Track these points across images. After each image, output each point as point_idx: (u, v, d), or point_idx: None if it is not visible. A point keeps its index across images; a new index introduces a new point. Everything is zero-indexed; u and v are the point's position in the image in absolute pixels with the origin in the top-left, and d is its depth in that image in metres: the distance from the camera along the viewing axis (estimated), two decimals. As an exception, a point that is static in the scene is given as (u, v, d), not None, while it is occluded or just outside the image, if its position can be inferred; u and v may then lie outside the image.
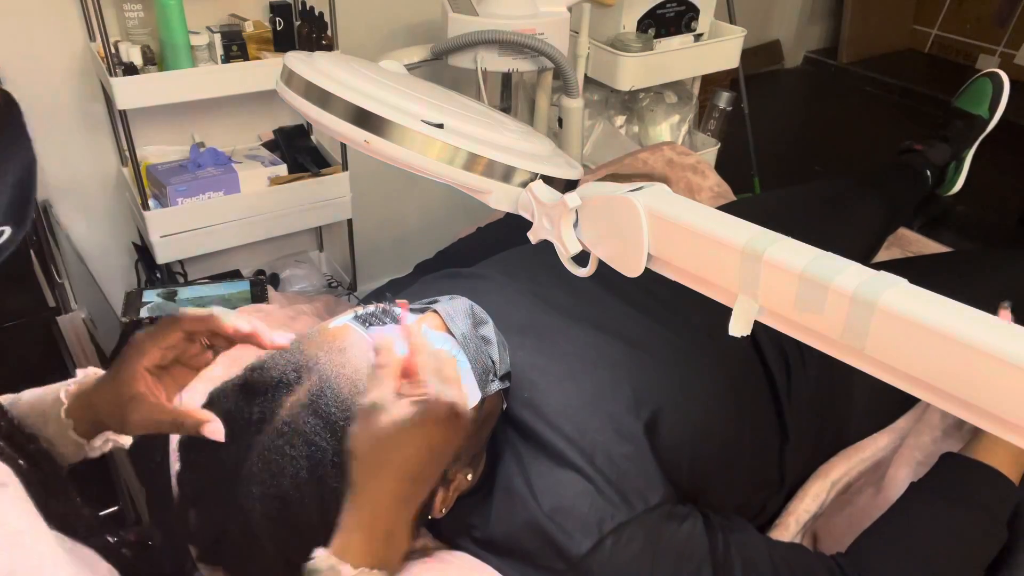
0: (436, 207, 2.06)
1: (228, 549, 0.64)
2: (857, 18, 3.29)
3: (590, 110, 1.85)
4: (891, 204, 1.38)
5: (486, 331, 0.77)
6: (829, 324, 0.51)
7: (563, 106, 1.54)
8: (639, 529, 0.73)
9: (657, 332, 0.92)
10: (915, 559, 0.79)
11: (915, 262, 1.33)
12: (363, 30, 1.67)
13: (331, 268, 1.89)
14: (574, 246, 0.67)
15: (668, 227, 0.59)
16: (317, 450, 0.62)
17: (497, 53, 1.37)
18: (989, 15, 3.16)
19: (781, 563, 0.77)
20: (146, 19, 1.37)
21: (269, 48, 1.47)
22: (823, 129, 3.03)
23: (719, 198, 1.53)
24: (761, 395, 0.95)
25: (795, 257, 0.52)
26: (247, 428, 0.63)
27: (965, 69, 3.27)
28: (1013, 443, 0.46)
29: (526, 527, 0.73)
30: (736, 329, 0.57)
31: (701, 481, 0.83)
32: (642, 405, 0.81)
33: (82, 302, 1.45)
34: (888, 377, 0.50)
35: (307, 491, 0.61)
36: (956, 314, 0.46)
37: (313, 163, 1.61)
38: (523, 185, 0.71)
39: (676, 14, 1.74)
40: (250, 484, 0.61)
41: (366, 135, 0.70)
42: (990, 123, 1.59)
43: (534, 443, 0.77)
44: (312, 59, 0.80)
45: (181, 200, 1.44)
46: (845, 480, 0.99)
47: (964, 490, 0.82)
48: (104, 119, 1.51)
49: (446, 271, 1.04)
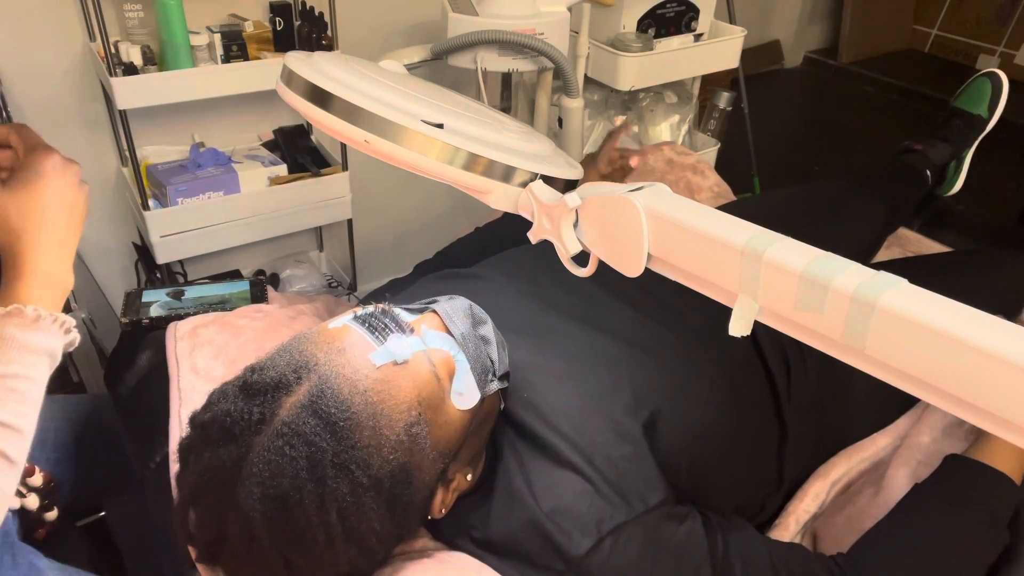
0: (436, 207, 2.06)
1: (227, 550, 0.64)
2: (857, 18, 3.29)
3: (590, 110, 1.85)
4: (891, 204, 1.38)
5: (485, 331, 0.77)
6: (829, 324, 0.51)
7: (563, 106, 1.54)
8: (638, 530, 0.73)
9: (657, 332, 0.92)
10: (916, 560, 0.79)
11: (915, 262, 1.33)
12: (363, 30, 1.68)
13: (331, 268, 1.89)
14: (574, 246, 0.67)
15: (668, 227, 0.59)
16: (317, 451, 0.62)
17: (497, 53, 1.37)
18: (989, 15, 3.16)
19: (780, 563, 0.77)
20: (146, 19, 1.37)
21: (269, 48, 1.47)
22: (823, 129, 3.03)
23: (719, 198, 1.53)
24: (761, 395, 0.95)
25: (795, 257, 0.52)
26: (247, 429, 0.63)
27: (965, 69, 3.27)
28: (1015, 444, 0.45)
29: (525, 527, 0.73)
30: (736, 329, 0.57)
31: (700, 481, 0.83)
32: (641, 405, 0.81)
33: (82, 302, 1.45)
34: (888, 377, 0.50)
35: (307, 492, 0.61)
36: (956, 314, 0.46)
37: (313, 163, 1.61)
38: (523, 185, 0.71)
39: (676, 14, 1.74)
40: (250, 485, 0.61)
41: (366, 135, 0.70)
42: (989, 123, 1.60)
43: (533, 443, 0.77)
44: (312, 59, 0.80)
45: (181, 200, 1.44)
46: (845, 480, 0.99)
47: (967, 492, 0.82)
48: (104, 119, 1.51)
49: (445, 271, 1.04)
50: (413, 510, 0.70)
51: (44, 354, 0.65)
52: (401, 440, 0.66)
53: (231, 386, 0.68)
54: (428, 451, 0.68)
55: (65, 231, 0.69)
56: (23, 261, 0.66)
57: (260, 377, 0.66)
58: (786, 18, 3.25)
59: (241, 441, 0.63)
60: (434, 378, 0.70)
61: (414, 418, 0.67)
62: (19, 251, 0.66)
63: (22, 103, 1.41)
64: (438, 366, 0.70)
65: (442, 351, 0.72)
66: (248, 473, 0.62)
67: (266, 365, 0.67)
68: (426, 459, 0.68)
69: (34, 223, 0.67)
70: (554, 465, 0.75)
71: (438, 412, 0.70)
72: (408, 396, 0.67)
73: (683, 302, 0.94)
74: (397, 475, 0.66)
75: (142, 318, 1.03)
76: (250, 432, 0.63)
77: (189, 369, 0.90)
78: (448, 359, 0.72)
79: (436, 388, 0.70)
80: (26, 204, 0.67)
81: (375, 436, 0.64)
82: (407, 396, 0.67)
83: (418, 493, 0.69)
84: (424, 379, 0.69)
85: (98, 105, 1.49)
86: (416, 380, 0.68)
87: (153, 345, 1.00)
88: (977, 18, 3.24)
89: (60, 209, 0.68)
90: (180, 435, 0.71)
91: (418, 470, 0.68)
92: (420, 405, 0.68)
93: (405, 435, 0.66)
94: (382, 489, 0.65)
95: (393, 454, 0.65)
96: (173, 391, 0.88)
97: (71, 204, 0.70)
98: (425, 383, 0.69)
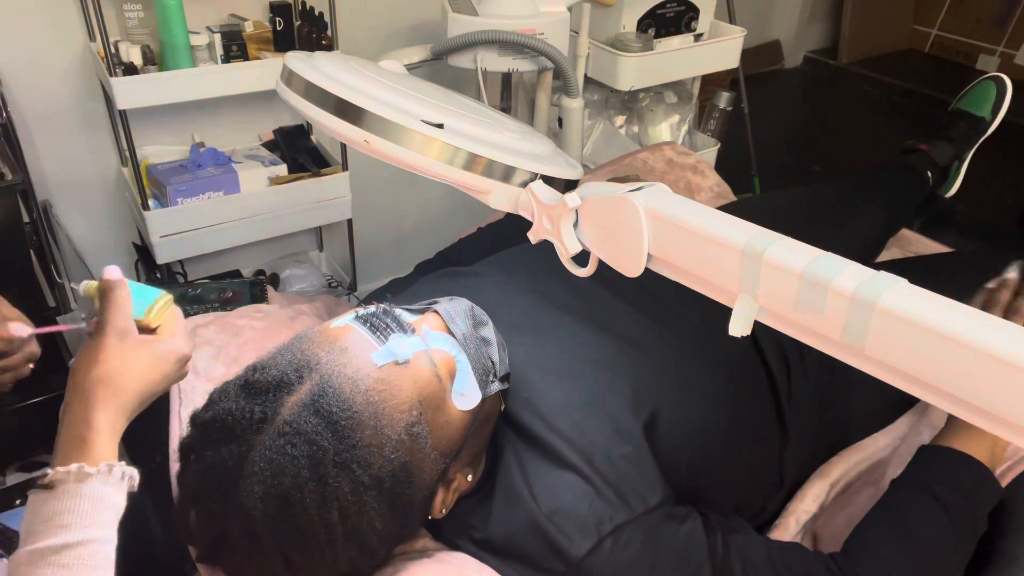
0: (436, 207, 2.06)
1: (228, 549, 0.64)
2: (857, 18, 3.29)
3: (590, 110, 1.85)
4: (892, 206, 1.38)
5: (486, 332, 0.78)
6: (829, 324, 0.51)
7: (563, 106, 1.54)
8: (638, 530, 0.73)
9: (657, 332, 0.92)
10: (908, 551, 0.79)
11: (915, 262, 1.33)
12: (363, 30, 1.68)
13: (331, 268, 1.89)
14: (574, 246, 0.67)
15: (668, 227, 0.59)
16: (318, 450, 0.62)
17: (497, 53, 1.37)
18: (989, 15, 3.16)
19: (780, 563, 0.77)
20: (146, 19, 1.37)
21: (269, 48, 1.47)
22: (823, 129, 3.03)
23: (719, 198, 1.53)
24: (761, 395, 0.95)
25: (795, 257, 0.52)
26: (248, 428, 0.63)
27: (965, 69, 3.27)
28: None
29: (525, 528, 0.73)
30: (736, 329, 0.57)
31: (700, 481, 0.83)
32: (641, 405, 0.81)
33: (82, 302, 1.45)
34: (888, 377, 0.50)
35: (308, 491, 0.61)
36: (956, 314, 0.46)
37: (313, 163, 1.61)
38: (523, 185, 0.71)
39: (676, 14, 1.74)
40: (251, 483, 0.61)
41: (366, 135, 0.70)
42: (992, 125, 1.61)
43: (533, 443, 0.77)
44: (312, 59, 0.80)
45: (181, 200, 1.44)
46: (845, 480, 0.99)
47: (938, 476, 0.82)
48: (104, 119, 1.51)
49: (446, 270, 1.04)
50: (414, 510, 0.70)
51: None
52: (402, 439, 0.66)
53: (232, 385, 0.68)
54: (429, 451, 0.68)
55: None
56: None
57: (262, 376, 0.66)
58: (786, 18, 3.25)
59: (243, 440, 0.63)
60: (435, 378, 0.70)
61: (415, 418, 0.67)
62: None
63: (22, 103, 1.41)
64: (439, 366, 0.70)
65: (443, 351, 0.72)
66: (249, 472, 0.62)
67: (268, 364, 0.67)
68: (427, 459, 0.68)
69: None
70: (554, 466, 0.75)
71: (439, 412, 0.70)
72: (409, 396, 0.67)
73: (683, 302, 0.94)
74: (398, 474, 0.66)
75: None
76: (252, 431, 0.63)
77: (189, 369, 0.90)
78: (449, 359, 0.72)
79: (437, 388, 0.70)
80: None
81: (376, 435, 0.64)
82: (408, 396, 0.67)
83: (419, 493, 0.69)
84: (425, 379, 0.69)
85: (98, 105, 1.49)
86: (417, 380, 0.68)
87: (153, 345, 0.99)
88: (977, 18, 3.24)
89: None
90: (180, 434, 0.71)
91: (419, 470, 0.68)
92: (421, 405, 0.68)
93: (406, 434, 0.66)
94: (383, 488, 0.65)
95: (394, 453, 0.65)
96: (173, 391, 0.88)
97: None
98: (426, 383, 0.69)
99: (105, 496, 0.57)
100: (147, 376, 0.64)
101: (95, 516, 0.56)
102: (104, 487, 0.57)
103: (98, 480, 0.57)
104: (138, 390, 0.63)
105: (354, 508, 0.63)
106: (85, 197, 1.56)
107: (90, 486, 0.56)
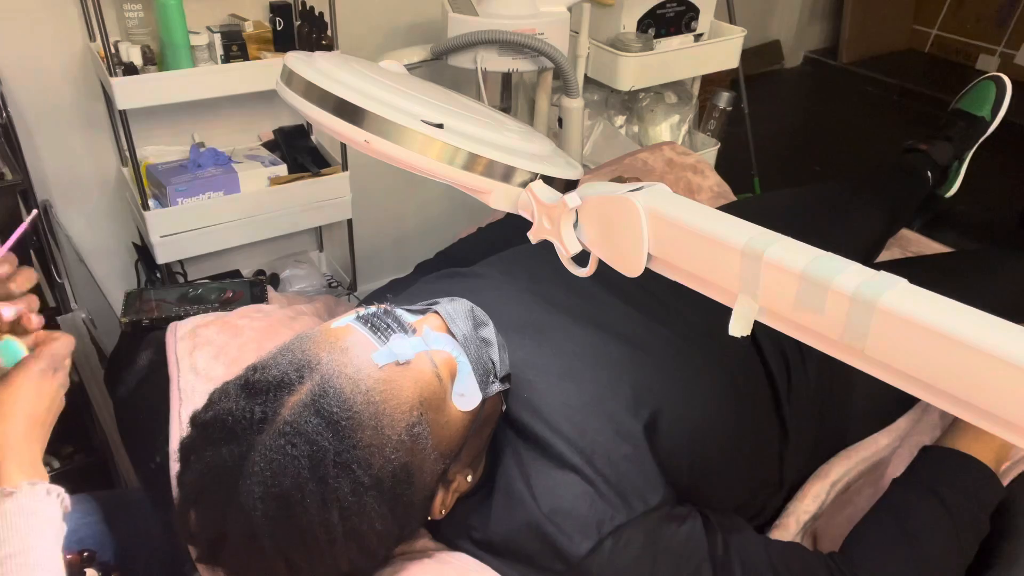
0: (436, 207, 2.06)
1: (228, 549, 0.64)
2: (857, 18, 3.29)
3: (590, 110, 1.85)
4: (892, 206, 1.38)
5: (486, 333, 0.77)
6: (829, 324, 0.51)
7: (563, 106, 1.54)
8: (638, 530, 0.73)
9: (657, 332, 0.92)
10: (904, 549, 0.79)
11: (915, 262, 1.33)
12: (363, 30, 1.68)
13: (331, 268, 1.89)
14: (574, 246, 0.67)
15: (668, 227, 0.59)
16: (319, 450, 0.62)
17: (497, 53, 1.37)
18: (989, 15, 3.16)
19: (780, 563, 0.77)
20: (146, 19, 1.37)
21: (269, 48, 1.47)
22: (823, 129, 3.03)
23: (719, 198, 1.53)
24: (761, 395, 0.95)
25: (795, 257, 0.52)
26: (249, 428, 0.63)
27: (965, 69, 3.27)
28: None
29: (525, 528, 0.73)
30: (736, 329, 0.57)
31: (701, 481, 0.83)
32: (642, 405, 0.81)
33: (82, 302, 1.45)
34: (888, 377, 0.50)
35: (308, 491, 0.61)
36: (956, 314, 0.46)
37: (313, 163, 1.61)
38: (523, 185, 0.71)
39: (676, 14, 1.74)
40: (251, 484, 0.61)
41: (366, 135, 0.70)
42: (991, 125, 1.61)
43: (533, 444, 0.77)
44: (312, 59, 0.80)
45: (181, 200, 1.44)
46: (845, 480, 0.99)
47: (942, 477, 0.83)
48: (104, 119, 1.51)
49: (446, 271, 1.04)
50: (414, 510, 0.70)
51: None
52: (403, 440, 0.66)
53: (233, 385, 0.68)
54: (429, 451, 0.68)
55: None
56: None
57: (262, 376, 0.66)
58: (786, 18, 3.25)
59: (243, 440, 0.63)
60: (436, 378, 0.70)
61: (416, 418, 0.67)
62: None
63: (22, 103, 1.41)
64: (440, 367, 0.70)
65: (444, 352, 0.72)
66: (250, 472, 0.62)
67: (268, 364, 0.67)
68: (427, 459, 0.68)
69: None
70: (554, 466, 0.75)
71: (440, 412, 0.70)
72: (410, 396, 0.67)
73: (683, 302, 0.94)
74: (398, 475, 0.66)
75: (142, 318, 1.02)
76: (252, 431, 0.63)
77: (189, 369, 0.90)
78: (450, 360, 0.72)
79: (438, 388, 0.70)
80: None
81: (377, 436, 0.64)
82: (409, 396, 0.67)
83: (419, 493, 0.69)
84: (426, 379, 0.69)
85: (98, 105, 1.49)
86: (418, 380, 0.68)
87: (153, 345, 0.99)
88: (977, 18, 3.23)
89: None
90: (180, 435, 0.71)
91: (419, 470, 0.68)
92: (422, 405, 0.68)
93: (407, 435, 0.66)
94: (383, 489, 0.65)
95: (395, 454, 0.65)
96: (173, 391, 0.88)
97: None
98: (427, 383, 0.69)
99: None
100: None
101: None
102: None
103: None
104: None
105: (354, 508, 0.63)
106: (85, 197, 1.57)
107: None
